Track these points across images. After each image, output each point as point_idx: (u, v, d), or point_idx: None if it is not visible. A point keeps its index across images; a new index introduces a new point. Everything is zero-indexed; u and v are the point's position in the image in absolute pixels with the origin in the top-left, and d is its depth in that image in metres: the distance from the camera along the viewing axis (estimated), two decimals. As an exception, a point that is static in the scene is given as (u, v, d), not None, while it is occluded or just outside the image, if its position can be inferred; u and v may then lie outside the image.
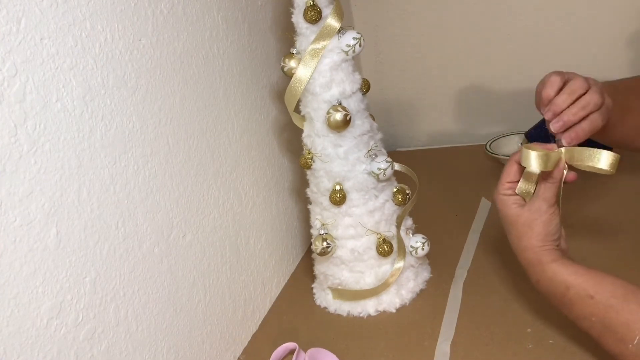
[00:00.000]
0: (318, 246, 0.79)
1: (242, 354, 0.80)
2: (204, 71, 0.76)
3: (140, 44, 0.63)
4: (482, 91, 1.30)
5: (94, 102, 0.56)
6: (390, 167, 0.77)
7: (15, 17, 0.48)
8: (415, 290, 0.84)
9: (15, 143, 0.48)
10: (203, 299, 0.73)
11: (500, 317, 0.75)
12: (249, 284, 0.84)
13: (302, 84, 0.73)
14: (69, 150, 0.53)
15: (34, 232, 0.50)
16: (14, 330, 0.48)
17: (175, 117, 0.69)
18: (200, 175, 0.74)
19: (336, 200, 0.77)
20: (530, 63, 1.24)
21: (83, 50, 0.55)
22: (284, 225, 0.96)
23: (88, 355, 0.55)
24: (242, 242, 0.83)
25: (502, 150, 1.17)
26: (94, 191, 0.56)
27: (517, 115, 1.29)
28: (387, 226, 0.80)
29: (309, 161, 0.78)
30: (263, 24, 0.92)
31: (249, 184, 0.85)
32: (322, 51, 0.72)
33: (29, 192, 0.49)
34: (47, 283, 0.51)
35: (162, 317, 0.65)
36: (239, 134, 0.83)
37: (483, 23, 1.24)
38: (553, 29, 1.20)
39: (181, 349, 0.68)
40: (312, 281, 0.91)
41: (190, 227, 0.71)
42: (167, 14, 0.68)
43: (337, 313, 0.85)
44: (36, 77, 0.50)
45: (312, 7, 0.71)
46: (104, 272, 0.57)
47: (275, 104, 0.94)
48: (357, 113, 0.75)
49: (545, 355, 0.68)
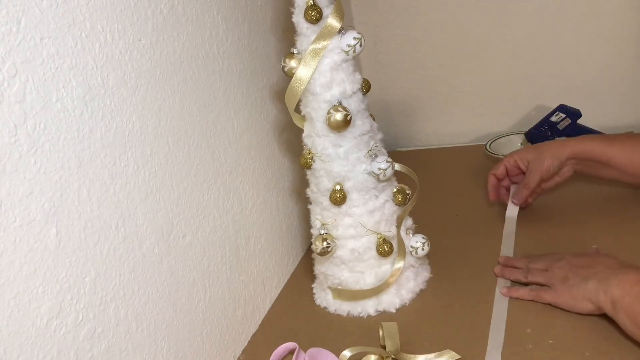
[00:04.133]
0: (318, 246, 0.79)
1: (242, 354, 0.80)
2: (204, 71, 0.76)
3: (140, 44, 0.63)
4: (482, 91, 1.30)
5: (94, 102, 0.56)
6: (390, 167, 0.77)
7: (15, 17, 0.48)
8: (415, 291, 0.84)
9: (15, 143, 0.48)
10: (203, 299, 0.73)
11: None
12: (249, 284, 0.84)
13: (302, 83, 0.73)
14: (69, 150, 0.53)
15: (34, 232, 0.50)
16: (14, 330, 0.48)
17: (175, 117, 0.69)
18: (200, 175, 0.74)
19: (336, 200, 0.77)
20: (531, 63, 1.24)
21: (83, 50, 0.55)
22: (284, 225, 0.96)
23: (88, 355, 0.55)
24: (242, 242, 0.83)
25: (502, 150, 1.17)
26: (94, 191, 0.56)
27: (517, 115, 1.29)
28: (387, 226, 0.80)
29: (309, 161, 0.78)
30: (263, 24, 0.92)
31: (249, 184, 0.85)
32: (322, 51, 0.72)
33: (29, 192, 0.49)
34: (47, 283, 0.51)
35: (162, 317, 0.65)
36: (239, 134, 0.83)
37: (483, 23, 1.24)
38: (553, 29, 1.20)
39: (181, 349, 0.68)
40: (312, 281, 0.91)
41: (190, 227, 0.71)
42: (167, 14, 0.68)
43: (337, 313, 0.85)
44: (36, 77, 0.50)
45: (312, 7, 0.71)
46: (104, 272, 0.57)
47: (275, 104, 0.94)
48: (357, 113, 0.75)
49: (545, 355, 0.68)
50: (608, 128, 1.15)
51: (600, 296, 0.66)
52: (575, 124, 1.10)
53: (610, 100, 1.21)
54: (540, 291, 0.74)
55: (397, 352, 0.71)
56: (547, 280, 0.74)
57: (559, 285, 0.72)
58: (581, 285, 0.69)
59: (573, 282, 0.71)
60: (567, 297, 0.71)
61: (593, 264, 0.70)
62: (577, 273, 0.71)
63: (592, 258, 0.73)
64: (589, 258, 0.73)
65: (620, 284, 0.64)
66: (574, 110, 1.11)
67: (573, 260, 0.74)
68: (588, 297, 0.68)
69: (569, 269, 0.72)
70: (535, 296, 0.75)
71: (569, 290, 0.70)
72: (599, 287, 0.66)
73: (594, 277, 0.68)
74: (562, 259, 0.75)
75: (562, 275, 0.72)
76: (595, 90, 1.21)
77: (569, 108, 1.12)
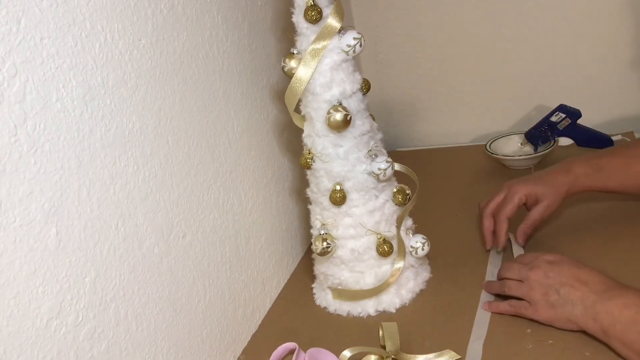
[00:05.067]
0: (318, 246, 0.79)
1: (242, 354, 0.80)
2: (204, 71, 0.76)
3: (140, 44, 0.63)
4: (482, 91, 1.30)
5: (94, 102, 0.56)
6: (390, 167, 0.77)
7: (15, 17, 0.48)
8: (415, 291, 0.84)
9: (15, 143, 0.48)
10: (203, 299, 0.73)
11: (500, 317, 0.75)
12: (249, 284, 0.84)
13: (302, 84, 0.73)
14: (69, 150, 0.53)
15: (34, 232, 0.50)
16: (14, 330, 0.48)
17: (175, 117, 0.69)
18: (200, 175, 0.74)
19: (336, 200, 0.77)
20: (531, 63, 1.24)
21: (83, 50, 0.55)
22: (284, 225, 0.96)
23: (88, 355, 0.55)
24: (242, 242, 0.83)
25: (502, 150, 1.17)
26: (94, 191, 0.56)
27: (517, 115, 1.29)
28: (387, 226, 0.80)
29: (309, 161, 0.78)
30: (263, 24, 0.92)
31: (249, 184, 0.85)
32: (322, 51, 0.72)
33: (29, 192, 0.49)
34: (47, 283, 0.51)
35: (162, 317, 0.65)
36: (239, 134, 0.83)
37: (483, 23, 1.23)
38: (553, 29, 1.20)
39: (181, 349, 0.68)
40: (312, 281, 0.91)
41: (190, 227, 0.71)
42: (167, 14, 0.68)
43: (337, 313, 0.85)
44: (36, 77, 0.50)
45: (312, 7, 0.71)
46: (104, 272, 0.57)
47: (275, 104, 0.94)
48: (357, 113, 0.75)
49: (545, 355, 0.68)
50: (608, 128, 1.15)
51: (589, 324, 0.65)
52: (575, 124, 1.10)
53: (610, 100, 1.21)
54: (519, 307, 0.72)
55: (397, 352, 0.71)
56: (524, 294, 0.72)
57: (539, 302, 0.70)
58: (566, 307, 0.67)
59: (554, 300, 0.68)
60: (549, 316, 0.69)
61: (574, 283, 0.67)
62: (557, 291, 0.68)
63: (569, 270, 0.69)
64: (566, 269, 0.69)
65: (608, 312, 0.63)
66: (574, 110, 1.11)
67: (549, 270, 0.70)
68: (575, 322, 0.67)
69: (547, 285, 0.69)
70: (515, 312, 0.73)
71: (551, 309, 0.68)
72: (586, 315, 0.65)
73: (579, 303, 0.66)
74: (537, 267, 0.72)
75: (542, 292, 0.70)
76: (595, 90, 1.21)
77: (569, 108, 1.12)
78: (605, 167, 0.83)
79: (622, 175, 0.82)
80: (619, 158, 0.84)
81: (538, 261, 0.73)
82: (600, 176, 0.83)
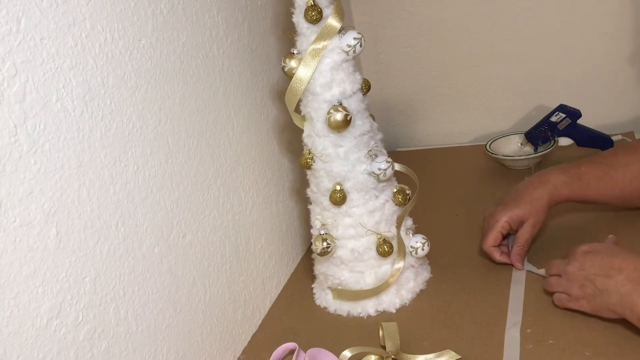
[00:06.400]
0: (318, 246, 0.79)
1: (242, 354, 0.80)
2: (204, 71, 0.76)
3: (140, 44, 0.63)
4: (482, 91, 1.30)
5: (94, 102, 0.56)
6: (390, 167, 0.77)
7: (15, 17, 0.48)
8: (415, 291, 0.84)
9: (15, 143, 0.48)
10: (203, 299, 0.73)
11: (500, 317, 0.75)
12: (249, 284, 0.84)
13: (302, 84, 0.73)
14: (69, 150, 0.53)
15: (34, 232, 0.50)
16: (14, 330, 0.48)
17: (175, 117, 0.69)
18: (200, 175, 0.74)
19: (336, 201, 0.77)
20: (531, 63, 1.24)
21: (83, 50, 0.55)
22: (284, 225, 0.96)
23: (88, 355, 0.55)
24: (242, 242, 0.83)
25: (502, 150, 1.17)
26: (94, 191, 0.56)
27: (517, 115, 1.29)
28: (387, 226, 0.80)
29: (309, 161, 0.78)
30: (263, 24, 0.92)
31: (249, 184, 0.85)
32: (322, 51, 0.72)
33: (29, 192, 0.49)
34: (47, 283, 0.51)
35: (162, 317, 0.65)
36: (239, 134, 0.83)
37: (483, 23, 1.23)
38: (553, 29, 1.20)
39: (181, 349, 0.68)
40: (312, 281, 0.91)
41: (190, 227, 0.71)
42: (167, 14, 0.68)
43: (337, 313, 0.85)
44: (36, 77, 0.50)
45: (312, 7, 0.71)
46: (104, 272, 0.57)
47: (275, 104, 0.94)
48: (357, 113, 0.75)
49: (545, 355, 0.68)
50: (608, 128, 1.15)
51: (627, 313, 0.65)
52: (575, 124, 1.10)
53: (610, 100, 1.21)
54: (562, 301, 0.73)
55: (397, 352, 0.71)
56: (564, 289, 0.72)
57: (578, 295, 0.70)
58: (603, 297, 0.67)
59: (591, 291, 0.68)
60: (591, 307, 0.69)
61: (609, 272, 0.67)
62: (593, 282, 0.68)
63: (603, 259, 0.69)
64: (599, 258, 0.69)
65: None
66: (574, 110, 1.11)
67: (584, 261, 0.70)
68: (613, 311, 0.66)
69: (583, 277, 0.69)
70: (563, 306, 0.73)
71: (592, 300, 0.69)
72: (624, 304, 0.65)
73: (614, 292, 0.66)
74: (574, 260, 0.71)
75: (579, 284, 0.70)
76: (595, 90, 1.21)
77: (569, 108, 1.12)
78: (584, 175, 0.82)
79: (602, 184, 0.81)
80: (598, 167, 0.83)
81: (575, 254, 0.72)
82: (579, 185, 0.81)
